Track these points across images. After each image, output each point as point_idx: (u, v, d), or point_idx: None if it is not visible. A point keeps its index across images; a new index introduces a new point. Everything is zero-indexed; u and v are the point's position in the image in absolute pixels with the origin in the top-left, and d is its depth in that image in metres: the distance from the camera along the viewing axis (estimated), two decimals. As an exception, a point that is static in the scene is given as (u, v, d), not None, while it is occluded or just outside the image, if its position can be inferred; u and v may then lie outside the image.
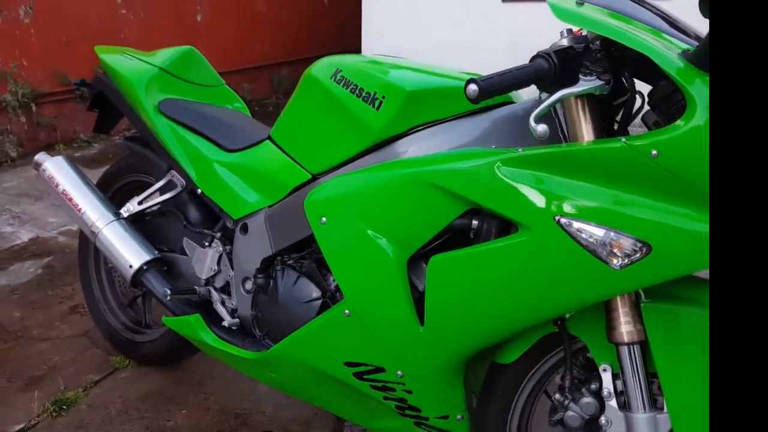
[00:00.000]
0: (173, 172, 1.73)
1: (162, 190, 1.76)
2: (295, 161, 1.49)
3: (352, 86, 1.34)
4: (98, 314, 2.13)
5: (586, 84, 1.02)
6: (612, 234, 0.99)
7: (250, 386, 1.94)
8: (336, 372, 1.34)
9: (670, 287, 1.11)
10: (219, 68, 2.07)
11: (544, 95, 1.10)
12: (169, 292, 1.63)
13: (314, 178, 1.43)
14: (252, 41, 6.35)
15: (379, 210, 1.21)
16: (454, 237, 1.18)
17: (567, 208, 1.02)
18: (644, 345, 1.10)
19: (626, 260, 0.99)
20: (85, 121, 4.56)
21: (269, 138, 1.60)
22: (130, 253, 1.71)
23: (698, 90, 0.94)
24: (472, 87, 1.00)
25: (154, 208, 1.79)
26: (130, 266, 1.70)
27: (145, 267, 1.70)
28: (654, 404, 1.10)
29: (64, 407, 1.88)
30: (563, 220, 1.02)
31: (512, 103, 1.26)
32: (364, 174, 1.26)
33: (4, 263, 2.87)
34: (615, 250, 0.99)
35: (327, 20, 7.36)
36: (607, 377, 1.14)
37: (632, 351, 1.09)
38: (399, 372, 1.25)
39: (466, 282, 1.12)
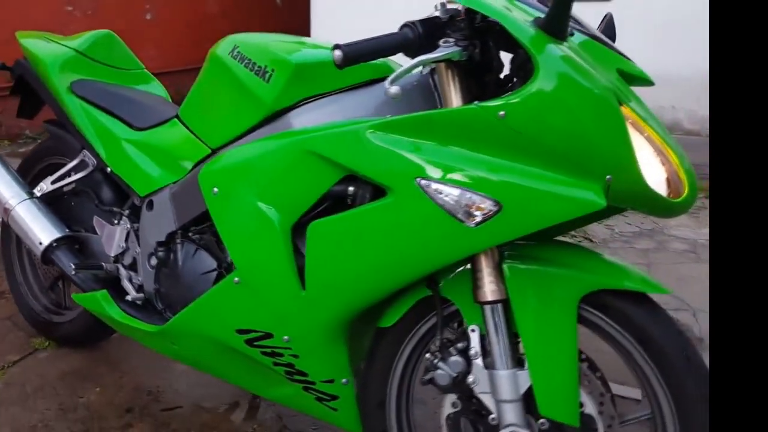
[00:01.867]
0: (85, 151, 1.76)
1: (75, 170, 1.79)
2: (198, 137, 1.53)
3: (246, 61, 1.38)
4: (20, 297, 2.14)
5: (444, 50, 1.08)
6: (467, 194, 1.06)
7: (165, 365, 1.96)
8: (229, 340, 1.38)
9: (531, 249, 1.19)
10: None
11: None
12: (73, 267, 1.65)
13: (213, 152, 1.47)
14: (202, 41, 6.34)
15: (263, 178, 1.26)
16: (336, 204, 1.23)
17: (426, 170, 1.09)
18: (507, 305, 1.16)
19: (480, 218, 1.06)
20: (30, 117, 4.50)
21: (177, 116, 1.64)
22: (40, 231, 1.74)
23: (544, 55, 1.03)
24: (337, 53, 1.06)
25: (68, 187, 1.81)
26: (40, 243, 1.72)
27: (54, 244, 1.73)
28: (518, 363, 1.17)
29: (-21, 386, 1.88)
30: (423, 182, 1.08)
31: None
32: (251, 145, 1.31)
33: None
34: (470, 210, 1.06)
35: (280, 21, 7.39)
36: (475, 337, 1.20)
37: (495, 310, 1.16)
38: (285, 337, 1.30)
39: (339, 245, 1.18)
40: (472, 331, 1.20)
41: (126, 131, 1.68)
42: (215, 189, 1.32)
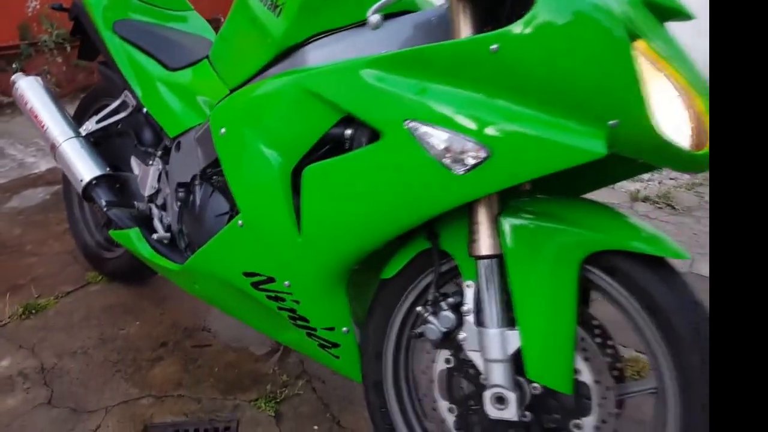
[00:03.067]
0: (126, 92, 1.80)
1: (117, 110, 1.84)
2: (220, 78, 1.52)
3: None
4: (77, 232, 2.26)
5: None
6: (455, 138, 0.98)
7: (205, 306, 2.02)
8: (237, 282, 1.38)
9: (536, 203, 1.09)
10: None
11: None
12: (105, 204, 1.72)
13: (231, 92, 1.45)
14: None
15: (265, 119, 1.23)
16: (335, 147, 1.19)
17: (416, 111, 1.01)
18: (502, 261, 1.08)
19: (468, 166, 0.98)
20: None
21: (207, 57, 1.63)
22: (82, 168, 1.81)
23: None
24: None
25: (111, 127, 1.87)
26: (81, 180, 1.80)
27: (94, 182, 1.79)
28: (510, 322, 1.09)
29: (33, 311, 2.03)
30: (411, 124, 1.01)
31: (415, 11, 1.24)
32: (256, 85, 1.28)
33: (18, 189, 3.08)
34: (458, 156, 0.98)
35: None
36: (469, 293, 1.12)
37: (489, 265, 1.08)
38: (286, 282, 1.29)
39: (333, 190, 1.14)
40: (468, 287, 1.13)
41: (160, 71, 1.70)
42: (222, 129, 1.31)
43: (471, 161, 0.97)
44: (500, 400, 1.08)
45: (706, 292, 0.86)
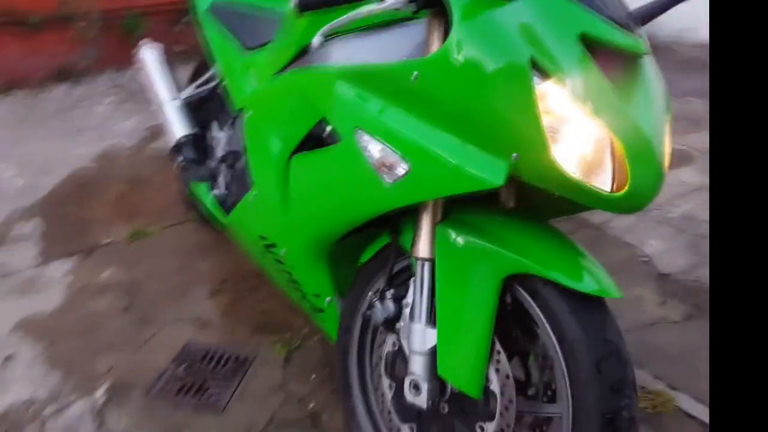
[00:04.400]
0: (215, 64, 2.09)
1: (209, 80, 2.15)
2: (271, 62, 1.74)
3: None
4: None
5: (390, 2, 1.04)
6: (387, 150, 1.10)
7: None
8: (255, 242, 1.63)
9: (475, 216, 1.17)
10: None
11: None
12: (182, 159, 2.04)
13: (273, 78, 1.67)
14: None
15: (273, 109, 1.44)
16: (319, 143, 1.35)
17: (363, 121, 1.15)
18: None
19: (394, 177, 1.10)
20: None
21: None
22: (175, 127, 2.15)
23: (461, 15, 0.98)
24: (294, 1, 1.08)
25: (204, 94, 2.18)
26: (173, 137, 2.14)
27: (183, 139, 2.13)
28: (435, 321, 1.19)
29: (139, 236, 2.47)
30: (359, 133, 1.15)
31: None
32: (278, 77, 1.48)
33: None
34: (387, 167, 1.11)
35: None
36: (411, 289, 1.25)
37: (422, 266, 1.20)
38: (283, 250, 1.51)
39: (307, 179, 1.33)
40: (413, 282, 1.26)
41: (237, 50, 1.95)
42: (250, 112, 1.54)
43: (397, 174, 1.10)
44: (416, 387, 1.21)
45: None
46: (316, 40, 1.15)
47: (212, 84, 2.12)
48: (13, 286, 2.16)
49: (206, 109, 2.25)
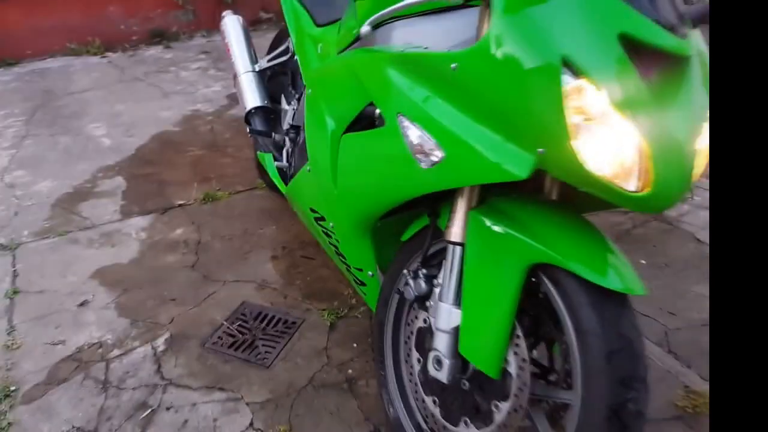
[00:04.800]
0: (290, 39, 2.18)
1: (282, 53, 2.24)
2: (337, 42, 1.80)
3: None
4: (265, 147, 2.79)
5: None
6: (425, 136, 1.15)
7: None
8: (308, 214, 1.72)
9: (509, 204, 1.20)
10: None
11: None
12: (250, 130, 2.15)
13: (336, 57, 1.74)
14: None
15: (329, 89, 1.51)
16: (369, 123, 1.41)
17: (406, 108, 1.19)
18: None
19: (430, 163, 1.15)
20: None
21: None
22: (248, 97, 2.27)
23: (498, 13, 1.01)
24: None
25: (277, 67, 2.28)
26: (245, 107, 2.26)
27: (253, 110, 2.24)
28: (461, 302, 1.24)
29: (211, 200, 2.63)
30: (400, 118, 1.20)
31: None
32: (336, 58, 1.54)
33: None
34: (424, 153, 1.16)
35: None
36: (443, 270, 1.30)
37: (454, 250, 1.25)
38: (331, 223, 1.59)
39: (353, 158, 1.39)
40: (444, 263, 1.31)
41: (309, 25, 2.02)
42: (309, 91, 1.61)
43: (433, 159, 1.14)
44: (438, 362, 1.27)
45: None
46: (365, 29, 1.20)
47: (286, 57, 2.21)
48: (93, 238, 2.37)
49: (278, 81, 2.35)
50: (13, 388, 1.68)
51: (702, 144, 1.01)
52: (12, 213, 2.56)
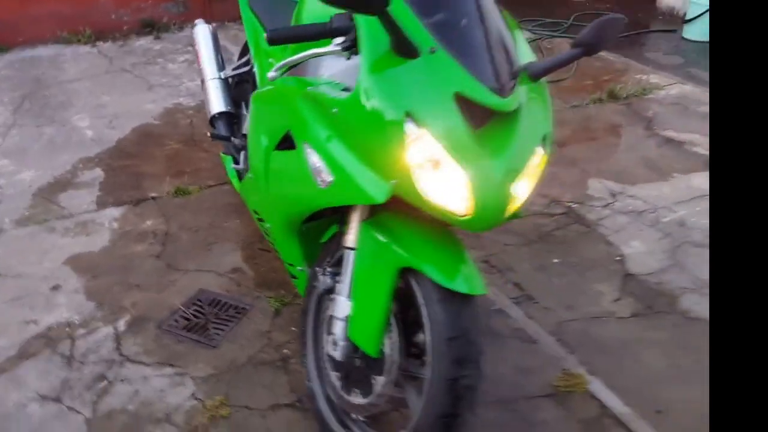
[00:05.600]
0: (251, 49, 2.39)
1: (245, 63, 2.46)
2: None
3: None
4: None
5: (333, 47, 1.35)
6: (320, 163, 1.40)
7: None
8: (253, 214, 1.96)
9: (391, 217, 1.44)
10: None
11: None
12: (211, 134, 2.38)
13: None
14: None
15: (263, 109, 1.74)
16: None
17: (308, 136, 1.43)
18: None
19: (324, 183, 1.39)
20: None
21: None
22: (213, 103, 2.48)
23: (363, 71, 1.26)
24: (267, 35, 1.39)
25: (241, 75, 2.50)
26: (209, 112, 2.48)
27: (217, 115, 2.46)
28: None
29: (182, 193, 2.87)
30: (305, 144, 1.44)
31: None
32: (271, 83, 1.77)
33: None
34: (320, 175, 1.40)
35: None
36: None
37: (348, 253, 1.48)
38: (268, 224, 1.83)
39: (279, 172, 1.63)
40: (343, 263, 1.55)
41: (263, 39, 2.22)
42: (253, 106, 1.84)
43: (327, 180, 1.38)
44: (335, 344, 1.53)
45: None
46: (271, 74, 1.43)
47: (249, 66, 2.42)
48: (69, 227, 2.62)
49: (243, 88, 2.57)
50: (-11, 361, 1.94)
51: (526, 176, 1.27)
52: (-3, 201, 2.80)
